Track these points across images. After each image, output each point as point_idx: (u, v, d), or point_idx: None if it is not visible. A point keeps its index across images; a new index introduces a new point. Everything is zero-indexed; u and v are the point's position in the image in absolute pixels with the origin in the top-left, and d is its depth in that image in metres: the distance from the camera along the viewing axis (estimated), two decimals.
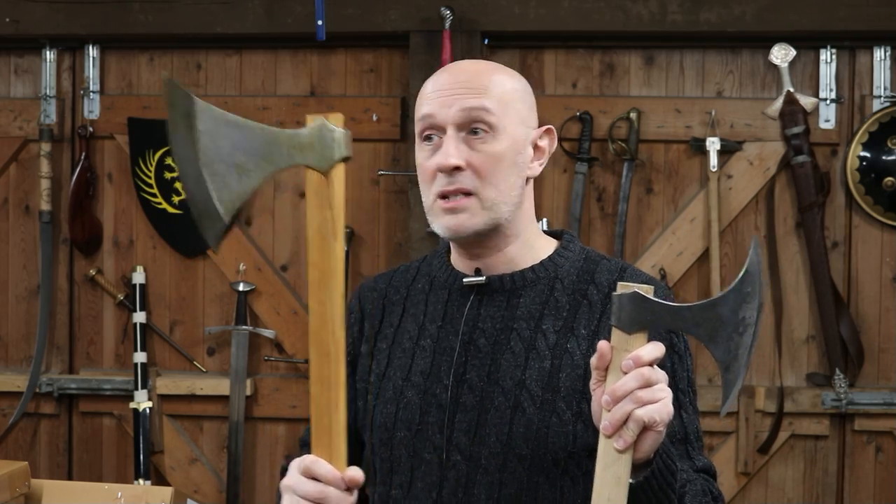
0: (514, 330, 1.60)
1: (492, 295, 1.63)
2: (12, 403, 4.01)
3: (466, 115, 1.57)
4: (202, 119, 1.40)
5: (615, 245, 3.77)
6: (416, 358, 1.64)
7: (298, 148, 1.38)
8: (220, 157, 1.40)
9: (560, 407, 1.56)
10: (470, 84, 1.59)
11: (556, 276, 1.64)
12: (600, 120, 3.78)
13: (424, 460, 1.60)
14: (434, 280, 1.70)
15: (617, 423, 1.35)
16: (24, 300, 4.08)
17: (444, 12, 3.64)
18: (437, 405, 1.60)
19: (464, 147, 1.57)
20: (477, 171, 1.57)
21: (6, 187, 4.06)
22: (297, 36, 3.79)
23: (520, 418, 1.56)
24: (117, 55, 4.01)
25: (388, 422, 1.63)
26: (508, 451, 1.56)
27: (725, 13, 3.63)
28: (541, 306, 1.62)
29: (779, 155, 3.73)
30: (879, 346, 3.76)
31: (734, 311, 1.35)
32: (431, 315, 1.66)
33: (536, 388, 1.56)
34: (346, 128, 1.38)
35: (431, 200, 1.60)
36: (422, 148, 1.62)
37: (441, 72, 1.65)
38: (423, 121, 1.60)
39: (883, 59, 3.70)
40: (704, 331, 1.36)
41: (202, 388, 3.94)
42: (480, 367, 1.60)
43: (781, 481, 3.79)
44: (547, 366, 1.57)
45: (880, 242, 3.76)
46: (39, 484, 3.11)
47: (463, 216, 1.58)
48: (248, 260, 3.93)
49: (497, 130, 1.58)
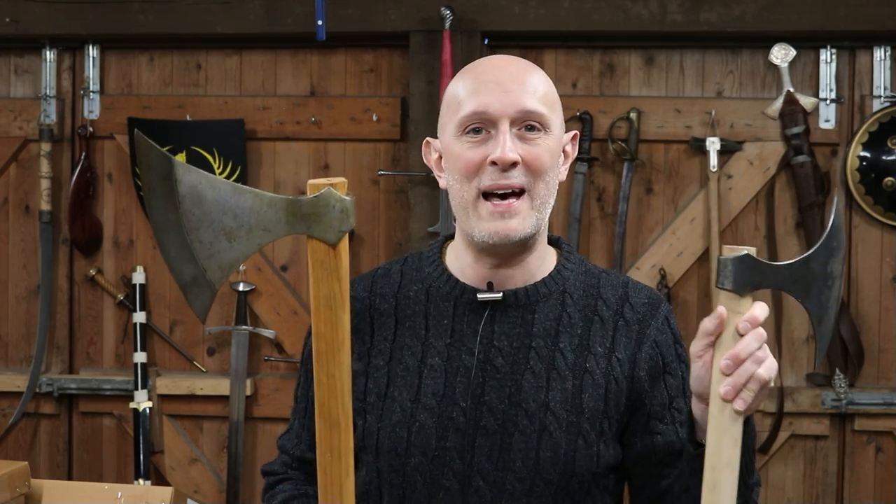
0: (533, 349, 1.56)
1: (506, 311, 1.57)
2: (12, 403, 4.01)
3: (523, 111, 1.55)
4: (183, 182, 1.28)
5: (615, 245, 3.77)
6: (425, 378, 1.57)
7: (301, 217, 1.29)
8: (207, 222, 1.29)
9: (585, 429, 1.53)
10: (522, 81, 1.58)
11: (565, 289, 1.60)
12: (600, 120, 3.78)
13: (444, 487, 1.54)
14: (431, 290, 1.62)
15: (739, 385, 1.35)
16: (24, 300, 4.08)
17: (444, 12, 3.64)
18: (455, 429, 1.54)
19: (518, 143, 1.54)
20: (530, 167, 1.53)
21: (6, 187, 4.06)
22: (297, 36, 3.79)
23: (547, 442, 1.52)
24: (117, 55, 4.01)
25: (400, 447, 1.56)
26: (536, 476, 1.52)
27: (725, 13, 3.63)
28: (555, 322, 1.57)
29: (779, 155, 3.73)
30: (879, 346, 3.76)
31: (823, 265, 1.41)
32: (436, 330, 1.59)
33: (561, 411, 1.53)
34: (351, 193, 1.32)
35: (473, 196, 1.54)
36: (463, 140, 1.55)
37: (483, 67, 1.61)
38: (473, 115, 1.54)
39: (883, 59, 3.70)
40: (800, 287, 1.40)
41: (202, 388, 3.94)
42: (500, 389, 1.54)
43: (781, 481, 3.79)
44: (569, 386, 1.54)
45: (880, 242, 3.76)
46: (39, 484, 3.10)
47: (514, 221, 1.52)
48: (248, 260, 3.92)
49: (549, 128, 1.57)
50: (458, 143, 1.55)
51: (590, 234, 3.82)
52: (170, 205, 1.29)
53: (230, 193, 1.30)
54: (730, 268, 1.37)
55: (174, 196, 1.29)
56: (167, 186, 1.29)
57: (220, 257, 1.31)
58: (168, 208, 1.30)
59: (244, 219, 1.29)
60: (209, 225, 1.29)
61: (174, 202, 1.29)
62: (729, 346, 1.37)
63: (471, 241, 1.57)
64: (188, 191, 1.29)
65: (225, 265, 1.31)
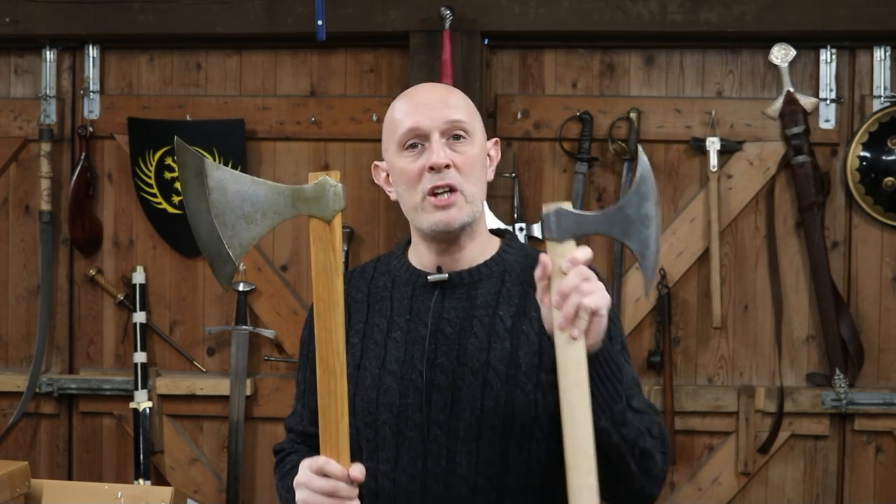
0: (476, 318, 1.85)
1: (453, 289, 1.88)
2: (12, 403, 4.01)
3: (449, 123, 1.84)
4: (212, 176, 1.64)
5: (615, 245, 3.77)
6: (390, 348, 1.86)
7: (303, 201, 1.64)
8: (230, 208, 1.63)
9: (522, 381, 1.80)
10: (445, 99, 1.88)
11: (505, 269, 1.90)
12: (600, 120, 3.78)
13: (408, 437, 1.82)
14: (396, 278, 1.94)
15: (570, 315, 1.57)
16: (24, 300, 4.08)
17: (444, 12, 3.64)
18: (414, 388, 1.83)
19: (448, 150, 1.84)
20: (460, 169, 1.83)
21: (6, 187, 4.06)
22: (297, 36, 3.79)
23: (489, 393, 1.80)
24: (117, 55, 4.01)
25: (371, 406, 1.84)
26: (482, 423, 1.80)
27: (725, 13, 3.63)
28: (496, 296, 1.87)
29: (779, 155, 3.73)
30: (879, 346, 3.76)
31: (637, 209, 1.65)
32: (398, 310, 1.89)
33: (501, 367, 1.81)
34: (342, 182, 1.65)
35: (420, 199, 1.85)
36: (404, 156, 1.86)
37: (410, 93, 1.92)
38: (409, 132, 1.84)
39: (883, 59, 3.70)
40: (618, 230, 1.65)
41: (202, 388, 3.94)
42: (449, 352, 1.83)
43: (781, 481, 3.80)
44: (507, 346, 1.82)
45: (880, 242, 3.76)
46: (39, 484, 3.10)
47: (452, 211, 1.83)
48: (248, 260, 3.93)
49: (472, 136, 1.87)
50: (400, 158, 1.87)
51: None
52: (201, 195, 1.64)
53: (249, 185, 1.64)
54: (551, 219, 1.61)
55: (204, 188, 1.63)
56: (199, 181, 1.64)
57: (241, 236, 1.64)
58: (199, 198, 1.64)
59: (259, 205, 1.64)
60: (232, 211, 1.64)
61: (204, 193, 1.63)
62: (556, 286, 1.59)
63: (423, 235, 1.91)
64: (216, 184, 1.64)
65: (245, 243, 1.65)
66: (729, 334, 3.81)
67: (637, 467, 1.73)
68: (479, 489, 1.81)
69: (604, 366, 1.65)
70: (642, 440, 1.72)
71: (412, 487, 1.82)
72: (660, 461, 1.77)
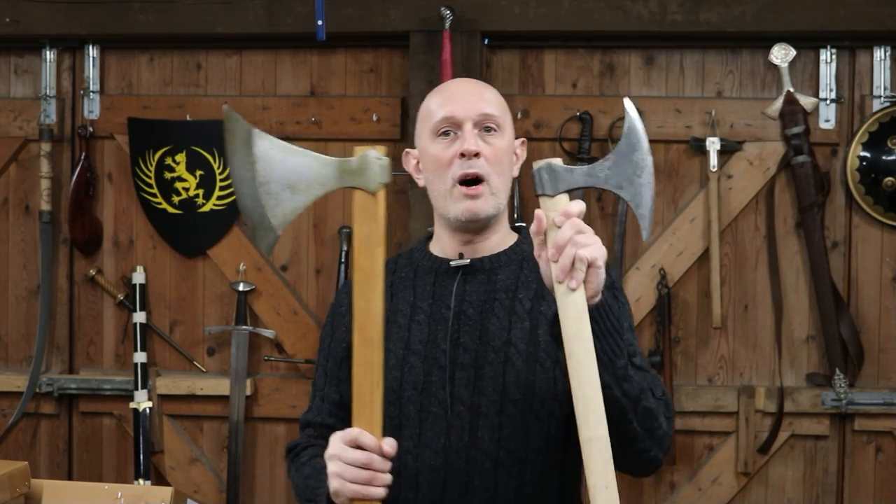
0: (497, 300, 1.93)
1: (474, 274, 1.97)
2: (12, 403, 4.01)
3: (483, 115, 1.94)
4: (259, 146, 1.67)
5: (615, 245, 3.77)
6: (413, 330, 1.94)
7: (349, 173, 1.67)
8: (275, 178, 1.66)
9: (542, 357, 1.88)
10: (481, 93, 1.98)
11: (523, 258, 1.98)
12: (600, 120, 3.78)
13: (431, 413, 1.89)
14: (418, 268, 2.02)
15: (566, 267, 1.61)
16: (24, 300, 4.08)
17: (444, 12, 3.64)
18: (438, 366, 1.90)
19: (479, 140, 1.93)
20: (489, 159, 1.92)
21: (6, 187, 4.06)
22: (297, 36, 3.79)
23: (511, 370, 1.87)
24: (117, 55, 4.01)
25: (395, 385, 1.90)
26: (504, 398, 1.87)
27: (725, 13, 3.63)
28: (515, 281, 1.95)
29: (779, 155, 3.73)
30: (879, 346, 3.76)
31: (628, 158, 1.67)
32: (421, 295, 1.97)
33: (521, 344, 1.89)
34: (388, 155, 1.68)
35: (450, 185, 1.93)
36: (437, 142, 1.96)
37: (446, 86, 2.05)
38: (444, 119, 1.94)
39: (883, 59, 3.70)
40: (612, 182, 1.67)
41: (202, 388, 3.94)
42: (472, 332, 1.91)
43: (781, 481, 3.79)
44: (527, 326, 1.90)
45: (880, 242, 3.76)
46: (39, 484, 3.10)
47: (480, 202, 1.92)
48: (248, 260, 3.93)
49: (503, 130, 1.96)
50: (433, 145, 1.96)
51: None
52: (247, 164, 1.66)
53: (295, 155, 1.68)
54: (543, 174, 1.65)
55: (251, 157, 1.66)
56: (246, 150, 1.66)
57: (284, 206, 1.67)
58: (245, 167, 1.66)
59: (304, 175, 1.67)
60: (276, 180, 1.67)
61: (251, 162, 1.66)
62: (552, 240, 1.63)
63: (447, 223, 1.98)
64: (262, 153, 1.67)
65: (288, 212, 1.68)
66: (729, 334, 3.81)
67: (640, 427, 1.76)
68: (500, 463, 1.87)
69: (604, 319, 1.68)
70: (645, 399, 1.75)
71: (435, 462, 1.88)
72: (664, 424, 1.80)
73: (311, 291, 3.95)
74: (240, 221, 3.94)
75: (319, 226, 3.93)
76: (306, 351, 3.89)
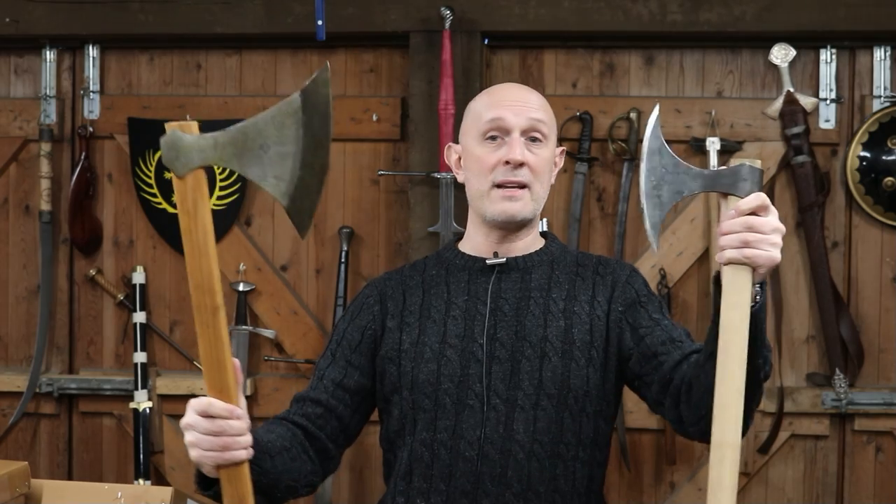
0: (532, 298, 2.00)
1: (508, 273, 2.04)
2: (12, 403, 4.01)
3: (532, 124, 2.01)
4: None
5: (615, 245, 3.77)
6: (449, 325, 2.00)
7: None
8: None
9: (576, 355, 1.96)
10: (531, 101, 2.04)
11: (553, 260, 2.08)
12: (600, 120, 3.78)
13: (467, 406, 1.95)
14: (450, 266, 2.07)
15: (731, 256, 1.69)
16: (24, 300, 4.08)
17: (444, 12, 3.64)
18: (475, 360, 1.96)
19: (525, 150, 2.00)
20: (532, 169, 2.00)
21: (6, 187, 4.06)
22: (297, 36, 3.79)
23: (547, 364, 1.95)
24: (117, 55, 4.01)
25: (432, 377, 1.97)
26: (540, 392, 1.94)
27: (725, 13, 3.63)
28: (547, 280, 2.03)
29: (779, 155, 3.73)
30: (879, 346, 3.76)
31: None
32: (455, 291, 2.03)
33: (557, 342, 1.96)
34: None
35: (488, 188, 2.00)
36: (484, 145, 2.02)
37: (498, 89, 2.10)
38: (492, 122, 2.00)
39: (883, 59, 3.70)
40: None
41: (202, 388, 3.90)
42: (508, 328, 1.98)
43: (781, 481, 3.79)
44: (562, 324, 1.98)
45: (880, 242, 3.76)
46: (39, 484, 3.10)
47: (518, 204, 2.00)
48: (248, 260, 3.93)
49: (547, 140, 2.04)
50: (479, 146, 2.02)
51: (590, 233, 3.82)
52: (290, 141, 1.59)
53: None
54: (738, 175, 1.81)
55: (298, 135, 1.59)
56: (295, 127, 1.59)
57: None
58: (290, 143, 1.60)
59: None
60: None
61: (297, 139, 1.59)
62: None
63: (482, 221, 2.05)
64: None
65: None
66: None
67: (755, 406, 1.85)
68: (534, 455, 1.93)
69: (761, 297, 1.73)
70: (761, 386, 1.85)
71: (470, 454, 1.94)
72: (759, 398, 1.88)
73: (311, 291, 3.95)
74: (240, 221, 3.95)
75: (319, 226, 3.93)
76: (306, 351, 3.89)
